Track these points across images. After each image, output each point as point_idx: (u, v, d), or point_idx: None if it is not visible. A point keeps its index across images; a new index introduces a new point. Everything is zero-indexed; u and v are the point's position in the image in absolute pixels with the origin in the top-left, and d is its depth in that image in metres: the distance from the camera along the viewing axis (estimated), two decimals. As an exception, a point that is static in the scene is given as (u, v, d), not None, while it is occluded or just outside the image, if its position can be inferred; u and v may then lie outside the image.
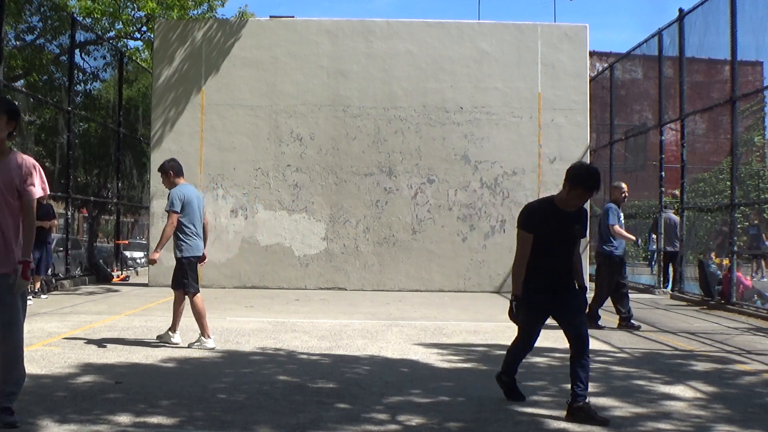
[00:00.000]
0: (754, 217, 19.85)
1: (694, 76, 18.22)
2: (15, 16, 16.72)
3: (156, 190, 15.69)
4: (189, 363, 6.68)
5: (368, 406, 5.14)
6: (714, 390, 5.91)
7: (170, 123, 15.83)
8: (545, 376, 6.40)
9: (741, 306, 11.91)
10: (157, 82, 16.03)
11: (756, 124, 21.88)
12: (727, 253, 12.88)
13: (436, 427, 4.64)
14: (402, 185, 15.73)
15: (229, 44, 15.92)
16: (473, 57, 15.86)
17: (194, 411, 4.89)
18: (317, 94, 15.82)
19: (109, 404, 4.98)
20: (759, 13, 11.52)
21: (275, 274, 15.57)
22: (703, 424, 4.86)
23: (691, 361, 7.32)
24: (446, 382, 6.07)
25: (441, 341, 8.28)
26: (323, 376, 6.18)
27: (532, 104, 15.78)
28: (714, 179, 22.78)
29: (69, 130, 15.56)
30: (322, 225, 15.69)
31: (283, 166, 15.75)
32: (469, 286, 15.51)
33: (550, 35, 15.94)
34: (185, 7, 19.23)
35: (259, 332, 8.76)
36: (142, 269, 20.36)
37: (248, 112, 15.79)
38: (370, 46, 15.93)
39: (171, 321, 7.81)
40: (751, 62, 16.40)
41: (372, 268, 15.63)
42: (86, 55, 18.33)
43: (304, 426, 4.58)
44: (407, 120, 15.78)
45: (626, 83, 19.33)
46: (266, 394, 5.43)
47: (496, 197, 15.70)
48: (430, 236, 15.65)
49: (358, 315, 10.90)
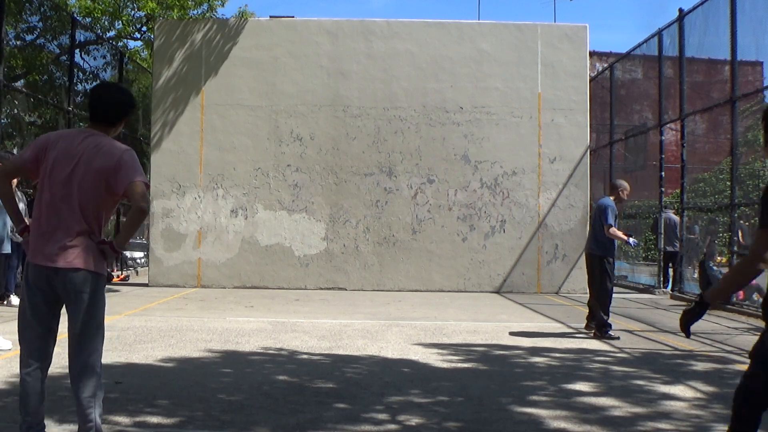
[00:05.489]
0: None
1: (694, 76, 18.23)
2: (15, 15, 16.73)
3: (156, 191, 15.71)
4: (189, 363, 6.68)
5: (368, 405, 5.14)
6: (714, 390, 5.91)
7: (170, 123, 15.84)
8: (545, 376, 6.40)
9: (741, 306, 11.91)
10: (157, 82, 16.03)
11: (756, 124, 21.87)
12: (728, 253, 12.88)
13: (435, 426, 4.64)
14: (402, 185, 15.73)
15: (229, 44, 15.92)
16: (473, 57, 15.86)
17: (194, 411, 4.89)
18: (317, 94, 15.82)
19: (109, 404, 4.97)
20: (759, 13, 11.52)
21: (275, 274, 15.58)
22: (702, 424, 4.86)
23: (690, 361, 7.32)
24: (446, 381, 6.07)
25: (441, 341, 8.28)
26: (323, 376, 6.18)
27: (532, 104, 15.78)
28: (714, 179, 22.80)
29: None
30: (322, 225, 15.69)
31: (283, 166, 15.75)
32: (469, 286, 15.51)
33: (550, 35, 15.94)
34: (185, 7, 19.24)
35: (259, 332, 8.75)
36: (142, 269, 20.36)
37: (248, 112, 15.80)
38: (370, 46, 15.93)
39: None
40: (751, 62, 16.43)
41: (372, 268, 15.63)
42: (86, 55, 18.34)
43: (303, 426, 4.58)
44: (407, 120, 15.78)
45: (626, 83, 19.33)
46: (266, 394, 5.43)
47: (496, 197, 15.70)
48: (430, 236, 15.65)
49: (358, 315, 10.90)
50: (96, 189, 3.63)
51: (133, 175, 3.60)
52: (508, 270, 15.62)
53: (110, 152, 3.63)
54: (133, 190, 3.60)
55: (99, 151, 3.63)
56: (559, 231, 15.62)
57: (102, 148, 3.65)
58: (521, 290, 15.43)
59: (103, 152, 3.63)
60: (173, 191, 15.69)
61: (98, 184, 3.62)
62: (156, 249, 15.70)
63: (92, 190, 3.62)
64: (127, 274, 18.46)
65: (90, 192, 3.62)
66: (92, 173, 3.61)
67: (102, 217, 3.72)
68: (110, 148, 3.65)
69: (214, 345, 7.68)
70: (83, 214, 3.63)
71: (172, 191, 15.69)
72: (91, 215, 3.65)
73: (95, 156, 3.62)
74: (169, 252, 15.65)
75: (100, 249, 3.69)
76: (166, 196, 15.68)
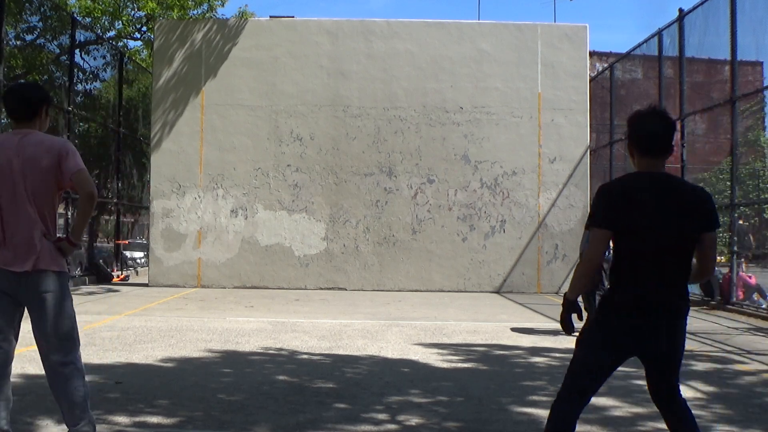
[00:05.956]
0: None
1: (694, 76, 18.23)
2: (15, 15, 16.73)
3: (156, 191, 15.71)
4: (189, 363, 6.67)
5: (368, 406, 5.14)
6: (714, 390, 5.91)
7: (170, 123, 15.84)
8: (545, 376, 6.40)
9: (741, 306, 11.91)
10: (157, 82, 16.03)
11: (756, 124, 21.90)
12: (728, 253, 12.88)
13: (435, 427, 4.64)
14: (402, 185, 15.73)
15: (229, 44, 15.92)
16: (473, 57, 15.86)
17: (194, 411, 4.88)
18: (317, 94, 15.82)
19: (109, 404, 4.97)
20: (759, 13, 11.52)
21: (275, 274, 15.57)
22: (702, 424, 4.85)
23: (691, 361, 7.31)
24: (446, 382, 6.07)
25: (441, 341, 8.28)
26: (323, 376, 6.18)
27: (532, 104, 15.78)
28: (714, 179, 22.80)
29: (69, 130, 15.57)
30: (322, 225, 15.69)
31: (283, 166, 15.75)
32: (469, 286, 15.51)
33: (550, 35, 15.94)
34: (185, 7, 19.24)
35: (259, 332, 8.75)
36: (142, 269, 20.36)
37: (248, 112, 15.80)
38: (370, 46, 15.93)
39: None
40: (751, 62, 16.43)
41: (372, 268, 15.63)
42: (86, 55, 18.34)
43: (303, 426, 4.58)
44: (407, 120, 15.78)
45: (626, 83, 19.32)
46: (266, 394, 5.42)
47: (496, 197, 15.70)
48: (430, 236, 15.65)
49: (358, 315, 10.90)
50: (47, 187, 3.66)
51: (76, 165, 3.65)
52: (508, 270, 15.61)
53: (50, 147, 3.66)
54: (79, 178, 3.65)
55: (39, 148, 3.65)
56: (559, 231, 15.62)
57: (41, 144, 3.67)
58: (521, 290, 15.43)
59: (43, 149, 3.65)
60: (173, 191, 15.69)
61: (47, 181, 3.65)
62: (156, 249, 15.70)
63: (43, 188, 3.65)
64: (127, 274, 18.46)
65: (41, 190, 3.65)
66: (40, 172, 3.63)
67: (54, 213, 3.76)
68: (50, 144, 3.68)
69: (214, 345, 7.68)
70: (39, 215, 3.66)
71: (172, 191, 15.69)
72: (45, 214, 3.68)
73: (37, 154, 3.64)
74: (169, 252, 15.65)
75: (58, 247, 3.70)
76: (166, 196, 15.68)
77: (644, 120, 3.19)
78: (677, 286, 3.09)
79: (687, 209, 3.05)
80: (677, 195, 3.06)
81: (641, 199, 3.05)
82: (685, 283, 3.13)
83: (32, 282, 3.62)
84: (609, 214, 3.08)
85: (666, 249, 3.04)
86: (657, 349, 3.11)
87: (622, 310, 3.09)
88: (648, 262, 3.04)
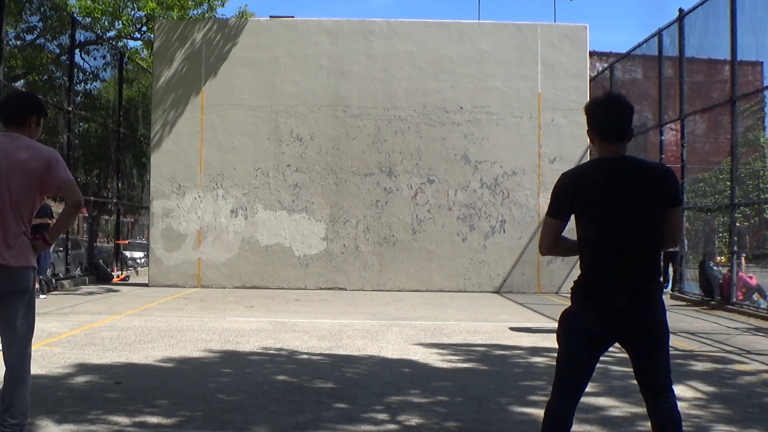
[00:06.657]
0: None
1: (694, 76, 18.21)
2: (15, 15, 16.73)
3: (156, 191, 15.71)
4: (188, 363, 6.68)
5: (368, 406, 5.14)
6: (713, 390, 5.91)
7: (170, 123, 15.84)
8: (545, 376, 6.40)
9: (741, 306, 11.91)
10: (157, 82, 16.03)
11: (756, 123, 21.89)
12: (728, 253, 12.89)
13: (435, 427, 4.64)
14: (402, 185, 15.73)
15: (229, 44, 15.92)
16: (473, 57, 15.86)
17: (194, 411, 4.88)
18: (317, 94, 15.82)
19: (109, 404, 4.98)
20: (759, 13, 11.52)
21: (275, 274, 15.58)
22: (702, 424, 4.86)
23: (690, 361, 7.31)
24: (446, 382, 6.07)
25: (441, 341, 8.28)
26: (323, 376, 6.18)
27: (532, 104, 15.78)
28: (714, 179, 22.79)
29: (69, 130, 15.56)
30: (322, 225, 15.70)
31: (283, 166, 15.75)
32: (469, 286, 15.51)
33: (550, 35, 15.94)
34: (185, 7, 19.25)
35: (259, 332, 8.75)
36: (142, 269, 20.37)
37: (248, 112, 15.80)
38: (370, 46, 15.93)
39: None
40: (751, 62, 16.40)
41: (372, 268, 15.63)
42: (86, 55, 18.35)
43: (303, 426, 4.58)
44: (407, 120, 15.79)
45: (626, 83, 19.32)
46: (266, 394, 5.43)
47: (496, 197, 15.70)
48: (430, 236, 15.65)
49: (358, 315, 10.90)
50: (29, 189, 3.75)
51: (66, 175, 3.80)
52: (508, 270, 15.61)
53: (40, 153, 3.76)
54: (68, 187, 3.80)
55: (28, 152, 3.76)
56: (559, 231, 15.60)
57: (30, 148, 3.78)
58: (521, 290, 15.43)
59: (33, 152, 3.76)
60: (173, 191, 15.69)
61: (31, 183, 3.74)
62: (156, 249, 15.70)
63: (25, 190, 3.73)
64: (127, 274, 18.47)
65: (23, 192, 3.73)
66: (26, 174, 3.72)
67: (31, 215, 3.84)
68: (40, 149, 3.80)
69: (214, 345, 7.68)
70: (20, 215, 3.74)
71: (172, 191, 15.69)
72: (24, 215, 3.76)
73: (26, 156, 3.74)
74: (169, 252, 15.65)
75: (33, 245, 3.82)
76: (166, 196, 15.68)
77: (601, 107, 3.18)
78: (644, 267, 3.05)
79: (650, 189, 3.03)
80: (639, 176, 3.05)
81: (599, 184, 3.04)
82: (653, 264, 3.09)
83: (16, 276, 3.71)
84: (559, 203, 3.10)
85: (629, 231, 3.01)
86: (630, 332, 3.08)
87: (584, 296, 3.08)
88: (609, 245, 3.02)
